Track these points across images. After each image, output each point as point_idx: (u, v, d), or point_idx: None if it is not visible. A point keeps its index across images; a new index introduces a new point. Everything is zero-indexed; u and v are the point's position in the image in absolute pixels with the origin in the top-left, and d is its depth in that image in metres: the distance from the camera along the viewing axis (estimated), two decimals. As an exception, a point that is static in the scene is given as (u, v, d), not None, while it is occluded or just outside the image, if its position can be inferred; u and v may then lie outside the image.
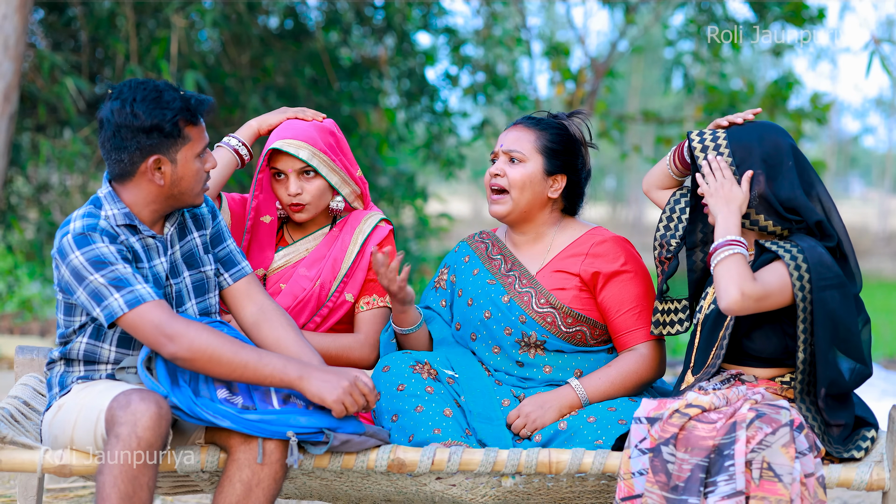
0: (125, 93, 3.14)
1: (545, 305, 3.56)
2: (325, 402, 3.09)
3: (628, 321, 3.55)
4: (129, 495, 2.94)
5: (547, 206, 3.64)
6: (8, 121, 7.08)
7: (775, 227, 3.26)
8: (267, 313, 3.36)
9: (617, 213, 34.72)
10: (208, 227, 3.39)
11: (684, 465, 3.03)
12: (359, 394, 3.12)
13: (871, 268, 22.89)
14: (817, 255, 3.16)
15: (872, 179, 43.48)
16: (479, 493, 3.31)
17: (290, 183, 3.69)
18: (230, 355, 3.07)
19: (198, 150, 3.20)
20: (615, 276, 3.56)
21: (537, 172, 3.59)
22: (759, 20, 9.76)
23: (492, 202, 3.63)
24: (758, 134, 3.31)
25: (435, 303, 3.78)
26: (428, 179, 14.38)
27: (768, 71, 30.01)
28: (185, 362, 3.07)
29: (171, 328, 3.06)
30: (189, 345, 3.06)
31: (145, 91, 3.13)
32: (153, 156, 3.15)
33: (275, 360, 3.10)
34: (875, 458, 3.25)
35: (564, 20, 18.12)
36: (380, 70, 10.13)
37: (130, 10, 8.37)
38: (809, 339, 3.17)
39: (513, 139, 3.61)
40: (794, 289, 3.14)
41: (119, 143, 3.15)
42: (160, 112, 3.12)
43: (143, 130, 3.12)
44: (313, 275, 3.72)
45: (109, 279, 3.08)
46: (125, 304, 3.07)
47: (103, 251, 3.10)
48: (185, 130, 3.16)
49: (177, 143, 3.16)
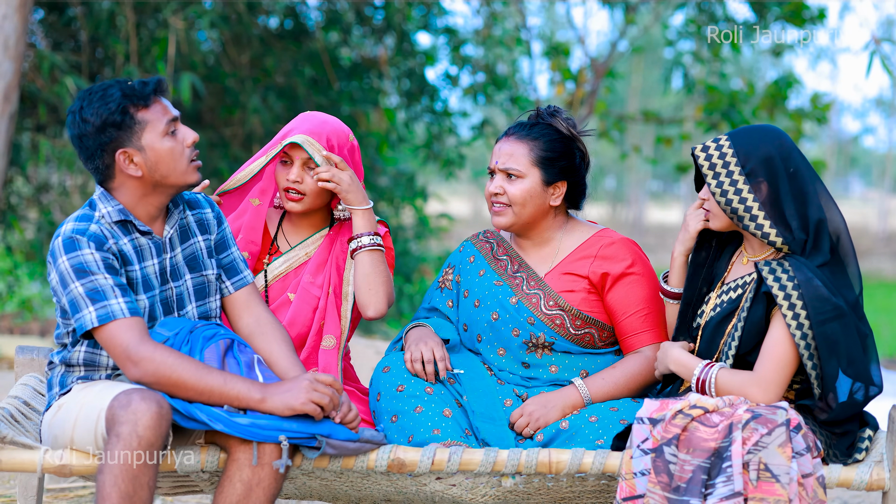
0: (74, 105, 3.17)
1: (554, 307, 3.56)
2: (295, 409, 3.07)
3: (634, 324, 3.55)
4: (129, 495, 2.94)
5: (550, 212, 3.62)
6: (8, 121, 7.08)
7: (777, 237, 3.24)
8: (262, 326, 3.36)
9: (617, 213, 34.74)
10: (213, 232, 3.39)
11: (686, 465, 3.03)
12: (322, 387, 3.11)
13: (871, 268, 22.91)
14: (813, 290, 3.15)
15: (872, 179, 43.49)
16: (479, 493, 3.31)
17: (293, 168, 3.64)
18: (194, 381, 3.06)
19: (161, 129, 3.17)
20: (622, 277, 3.55)
21: (536, 186, 3.57)
22: (759, 20, 9.76)
23: (494, 214, 3.60)
24: (761, 139, 3.30)
25: (441, 303, 3.77)
26: (428, 179, 14.39)
27: (768, 71, 30.02)
28: (151, 386, 3.07)
29: (136, 352, 3.06)
30: (154, 370, 3.06)
31: (90, 95, 3.15)
32: (118, 150, 3.15)
33: (239, 384, 3.08)
34: (875, 458, 3.25)
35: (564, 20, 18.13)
36: (380, 70, 10.14)
37: (130, 10, 8.37)
38: (820, 372, 3.17)
39: (507, 155, 3.57)
40: (794, 339, 3.15)
41: (85, 152, 3.17)
42: (104, 107, 3.12)
43: (98, 131, 3.13)
44: (320, 282, 3.69)
45: (87, 289, 3.08)
46: (96, 319, 3.07)
47: (87, 258, 3.10)
48: (138, 115, 3.15)
49: (134, 130, 3.15)
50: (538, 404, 3.46)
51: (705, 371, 3.24)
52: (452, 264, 3.79)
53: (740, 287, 3.32)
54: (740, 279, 3.33)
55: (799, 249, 3.23)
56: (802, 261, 3.20)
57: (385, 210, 11.15)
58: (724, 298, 3.34)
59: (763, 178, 3.25)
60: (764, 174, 3.25)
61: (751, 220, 3.25)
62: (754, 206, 3.24)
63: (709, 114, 10.43)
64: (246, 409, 3.09)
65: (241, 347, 3.24)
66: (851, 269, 3.28)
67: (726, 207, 3.26)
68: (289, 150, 3.64)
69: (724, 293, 3.35)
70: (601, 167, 32.41)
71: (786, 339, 3.16)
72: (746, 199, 3.25)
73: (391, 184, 10.95)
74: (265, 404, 3.07)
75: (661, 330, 3.56)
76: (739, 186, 3.25)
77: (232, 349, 3.22)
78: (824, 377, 3.15)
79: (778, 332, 3.18)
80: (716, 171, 3.27)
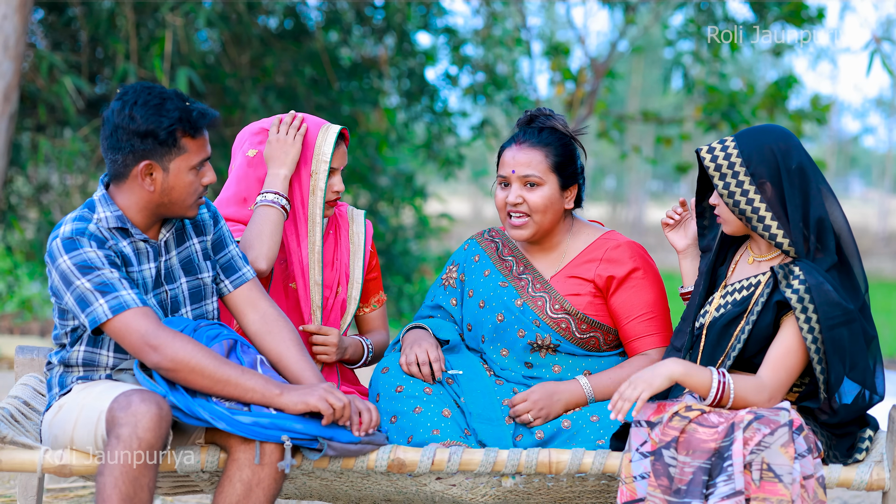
0: (129, 95, 3.14)
1: (560, 311, 3.55)
2: (308, 404, 3.08)
3: (639, 327, 3.54)
4: (129, 496, 2.94)
5: (562, 216, 3.63)
6: (8, 121, 7.08)
7: (784, 238, 3.24)
8: (270, 324, 3.34)
9: (617, 213, 34.72)
10: (209, 234, 3.38)
11: (686, 468, 3.03)
12: (340, 394, 3.12)
13: (871, 268, 22.92)
14: (824, 295, 3.15)
15: (872, 179, 43.49)
16: (479, 493, 3.31)
17: (338, 178, 3.67)
18: (212, 369, 3.07)
19: (193, 163, 3.18)
20: (627, 280, 3.55)
21: (555, 192, 3.55)
22: (759, 20, 9.76)
23: (512, 227, 3.56)
24: (764, 139, 3.29)
25: (445, 301, 3.76)
26: (427, 179, 14.39)
27: (768, 71, 30.02)
28: (168, 372, 3.07)
29: (155, 338, 3.06)
30: (173, 355, 3.05)
31: (149, 96, 3.13)
32: (145, 161, 3.14)
33: (257, 377, 3.10)
34: (875, 458, 3.25)
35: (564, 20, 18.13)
36: (380, 70, 10.13)
37: (130, 10, 8.37)
38: (827, 377, 3.17)
39: (524, 163, 3.54)
40: (806, 342, 3.15)
41: (115, 143, 3.15)
42: (157, 119, 3.11)
43: (138, 134, 3.12)
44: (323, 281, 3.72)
45: (95, 284, 3.07)
46: (109, 310, 3.06)
47: (90, 255, 3.10)
48: (182, 141, 3.15)
49: (171, 153, 3.14)
50: (545, 394, 3.45)
51: (722, 380, 3.18)
52: (457, 262, 3.79)
53: (745, 289, 3.31)
54: (745, 280, 3.32)
55: (804, 250, 3.23)
56: (812, 265, 3.20)
57: (385, 210, 11.15)
58: (728, 300, 3.32)
59: (766, 178, 3.24)
60: (766, 174, 3.24)
61: (759, 221, 3.24)
62: (761, 208, 3.23)
63: (708, 114, 10.43)
64: (259, 403, 3.08)
65: (244, 348, 3.24)
66: (857, 269, 3.28)
67: (734, 209, 3.25)
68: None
69: (728, 294, 3.34)
70: (601, 167, 32.41)
71: (797, 345, 3.16)
72: (753, 201, 3.24)
73: (391, 184, 10.94)
74: (282, 398, 3.08)
75: (667, 334, 3.56)
76: (746, 188, 3.24)
77: (235, 350, 3.22)
78: (829, 381, 3.15)
79: (790, 338, 3.17)
80: (722, 173, 3.26)
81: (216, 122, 3.21)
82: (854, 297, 3.23)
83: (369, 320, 3.83)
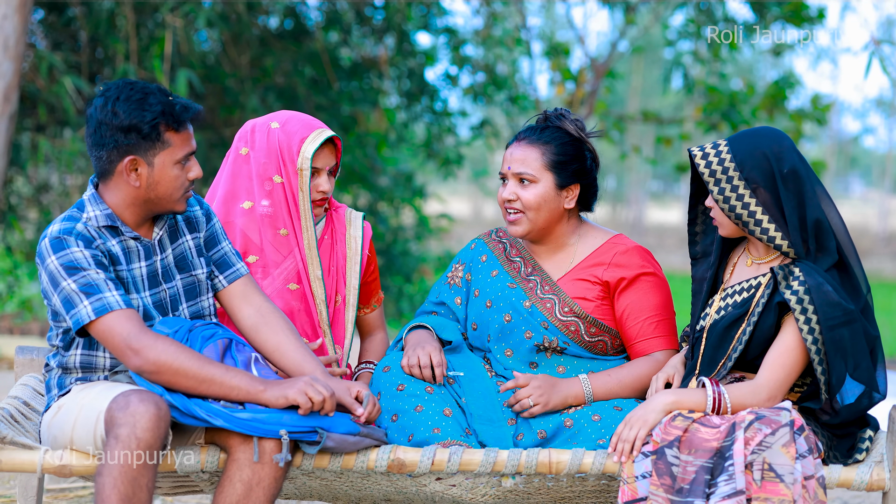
0: (111, 91, 3.14)
1: (569, 314, 3.55)
2: (288, 398, 3.08)
3: (645, 329, 3.54)
4: (128, 496, 2.94)
5: (564, 216, 3.62)
6: (8, 121, 7.08)
7: (783, 240, 3.23)
8: (265, 316, 3.35)
9: (617, 214, 34.72)
10: (202, 230, 3.38)
11: (689, 467, 3.03)
12: (321, 386, 3.12)
13: (871, 268, 22.90)
14: (824, 295, 3.14)
15: (872, 179, 43.50)
16: (479, 493, 3.31)
17: (324, 178, 3.64)
18: (196, 369, 3.07)
19: (178, 157, 3.17)
20: (635, 282, 3.55)
21: (550, 190, 3.56)
22: (759, 20, 9.76)
23: (509, 223, 3.60)
24: (757, 141, 3.28)
25: (450, 300, 3.76)
26: (427, 179, 14.39)
27: (768, 71, 30.02)
28: (151, 375, 3.07)
29: (137, 341, 3.06)
30: (155, 359, 3.05)
31: (131, 91, 3.13)
32: (129, 156, 3.13)
33: (241, 376, 3.10)
34: (875, 458, 3.25)
35: (564, 20, 18.12)
36: (380, 70, 10.13)
37: (130, 10, 8.37)
38: (828, 377, 3.17)
39: (519, 160, 3.56)
40: (806, 343, 3.14)
41: (99, 139, 3.14)
42: (140, 113, 3.11)
43: (122, 129, 3.11)
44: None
45: (81, 285, 3.07)
46: (93, 312, 3.06)
47: (77, 256, 3.09)
48: (166, 135, 3.14)
49: (155, 147, 3.14)
50: (547, 384, 3.45)
51: (715, 394, 3.18)
52: (463, 261, 3.79)
53: (745, 290, 3.30)
54: (745, 282, 3.32)
55: (804, 252, 3.22)
56: (812, 266, 3.19)
57: (385, 210, 11.15)
58: (728, 302, 3.32)
59: (759, 181, 3.23)
60: (760, 177, 3.23)
61: (755, 224, 3.23)
62: (757, 211, 3.22)
63: (708, 114, 10.43)
64: (244, 401, 3.09)
65: (239, 347, 3.24)
66: (856, 270, 3.28)
67: (730, 214, 3.25)
68: (316, 165, 3.66)
69: (728, 296, 3.34)
70: (601, 167, 32.38)
71: (797, 346, 3.16)
72: (749, 205, 3.23)
73: (391, 184, 10.94)
74: (265, 394, 3.08)
75: (673, 338, 3.56)
76: (741, 192, 3.23)
77: (230, 349, 3.23)
78: (831, 381, 3.15)
79: (789, 338, 3.17)
80: (716, 178, 3.26)
81: (200, 115, 3.21)
82: (855, 298, 3.22)
83: (369, 321, 3.83)
